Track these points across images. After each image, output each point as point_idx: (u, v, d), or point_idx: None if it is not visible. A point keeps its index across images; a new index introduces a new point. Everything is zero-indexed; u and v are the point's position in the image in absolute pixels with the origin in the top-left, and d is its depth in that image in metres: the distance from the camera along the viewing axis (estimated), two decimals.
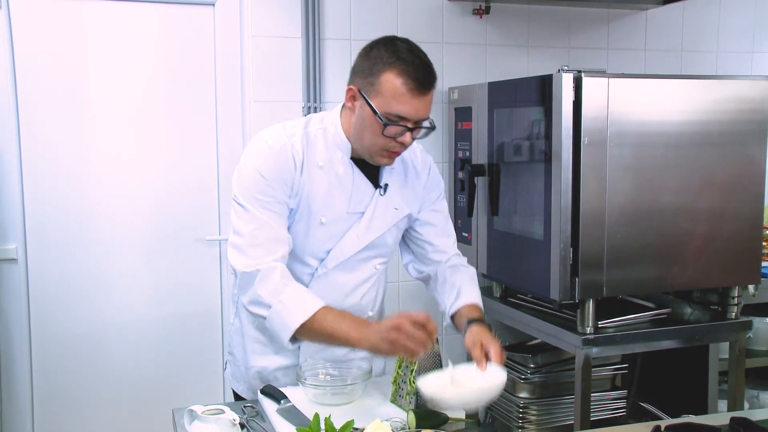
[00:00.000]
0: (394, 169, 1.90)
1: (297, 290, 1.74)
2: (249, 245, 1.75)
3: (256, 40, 2.95)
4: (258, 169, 1.77)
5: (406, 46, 1.72)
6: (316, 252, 1.86)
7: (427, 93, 1.71)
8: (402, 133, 1.72)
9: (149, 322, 3.03)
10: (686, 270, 2.50)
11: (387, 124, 1.70)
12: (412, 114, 1.70)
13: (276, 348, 1.95)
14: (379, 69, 1.69)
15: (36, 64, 2.82)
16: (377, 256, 1.94)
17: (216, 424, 1.59)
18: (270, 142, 1.80)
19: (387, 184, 1.88)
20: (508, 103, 2.71)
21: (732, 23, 3.63)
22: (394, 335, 1.61)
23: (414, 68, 1.68)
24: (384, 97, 1.69)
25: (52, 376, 2.95)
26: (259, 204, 1.76)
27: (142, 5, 2.91)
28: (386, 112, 1.70)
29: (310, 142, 1.82)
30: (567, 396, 2.87)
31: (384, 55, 1.70)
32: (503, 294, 2.95)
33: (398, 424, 1.70)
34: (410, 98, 1.68)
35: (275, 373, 1.98)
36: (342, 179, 1.83)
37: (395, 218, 1.91)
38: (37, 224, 2.88)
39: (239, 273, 1.76)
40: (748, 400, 3.21)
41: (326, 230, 1.84)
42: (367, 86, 1.72)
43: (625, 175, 2.37)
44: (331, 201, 1.82)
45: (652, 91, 2.41)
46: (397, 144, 1.74)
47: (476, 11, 3.19)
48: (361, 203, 1.86)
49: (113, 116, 2.92)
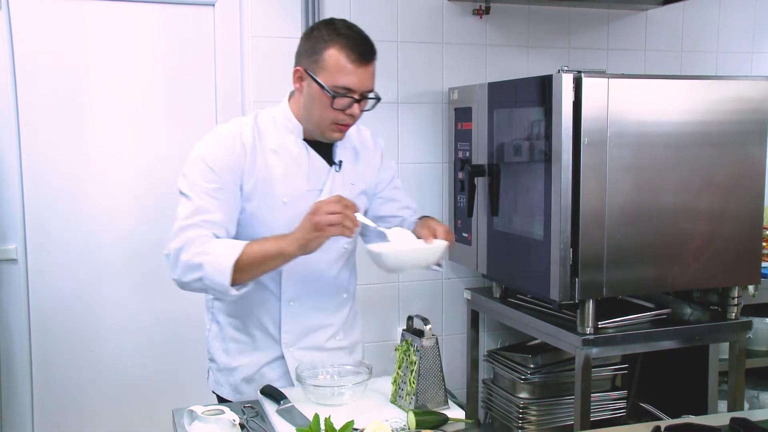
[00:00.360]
0: (346, 148, 1.98)
1: (219, 241, 1.78)
2: (181, 228, 1.79)
3: (256, 40, 2.95)
4: (204, 157, 1.84)
5: (344, 23, 1.84)
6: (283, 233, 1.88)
7: (368, 64, 1.81)
8: (350, 105, 1.81)
9: (149, 322, 3.02)
10: (686, 270, 2.50)
11: (335, 96, 1.79)
12: (358, 85, 1.80)
13: (257, 345, 1.97)
14: (322, 47, 1.80)
15: (36, 65, 2.82)
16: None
17: (216, 425, 1.59)
18: (218, 130, 1.90)
19: (341, 160, 1.96)
20: (508, 104, 2.71)
21: (732, 23, 3.63)
22: (315, 218, 1.69)
23: (354, 41, 1.79)
24: (329, 71, 1.79)
25: (52, 376, 2.94)
26: (202, 191, 1.82)
27: (141, 5, 2.91)
28: (333, 86, 1.79)
29: (261, 130, 1.90)
30: (567, 396, 2.87)
31: (324, 34, 1.81)
32: (503, 294, 2.95)
33: (398, 424, 1.70)
34: (354, 69, 1.78)
35: (261, 371, 1.98)
36: (297, 159, 1.91)
37: (352, 193, 1.96)
38: (37, 224, 2.88)
39: (170, 254, 1.79)
40: (748, 401, 3.21)
41: (289, 209, 1.87)
42: (312, 64, 1.81)
43: (625, 176, 2.37)
44: (290, 181, 1.89)
45: (652, 92, 2.41)
46: (346, 116, 1.83)
47: (476, 11, 3.19)
48: (319, 180, 1.92)
49: (113, 116, 2.92)
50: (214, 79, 3.01)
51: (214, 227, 1.80)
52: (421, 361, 1.79)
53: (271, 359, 1.98)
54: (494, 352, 3.10)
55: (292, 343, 1.97)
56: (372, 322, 3.09)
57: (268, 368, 1.99)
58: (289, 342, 1.97)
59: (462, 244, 3.06)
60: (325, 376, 1.91)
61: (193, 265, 1.75)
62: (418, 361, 1.78)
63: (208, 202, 1.81)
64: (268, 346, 1.98)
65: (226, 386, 2.03)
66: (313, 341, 1.98)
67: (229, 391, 2.03)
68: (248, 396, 1.97)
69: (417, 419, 1.68)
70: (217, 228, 1.81)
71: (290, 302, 1.95)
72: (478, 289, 3.14)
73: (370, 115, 1.92)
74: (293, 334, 1.97)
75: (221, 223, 1.82)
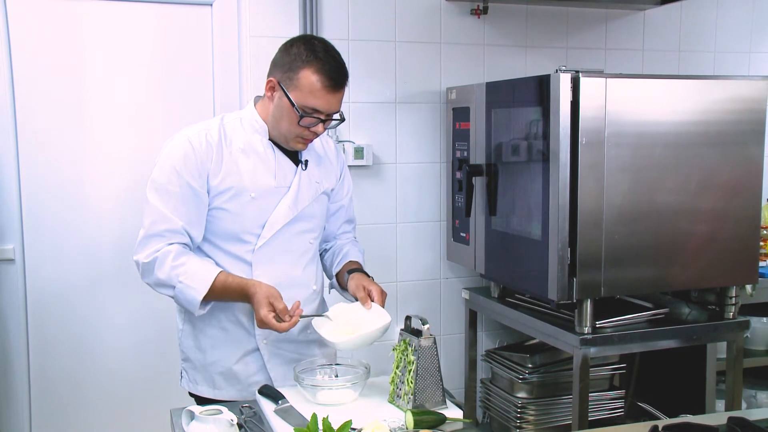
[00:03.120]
0: (310, 151, 2.07)
1: (192, 267, 1.88)
2: (147, 236, 1.91)
3: (254, 40, 2.94)
4: (171, 160, 1.91)
5: (322, 46, 1.91)
6: (252, 227, 1.96)
7: (339, 90, 1.91)
8: (315, 124, 1.91)
9: (147, 322, 3.02)
10: (684, 270, 2.50)
11: (303, 116, 1.89)
12: (326, 108, 1.90)
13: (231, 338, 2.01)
14: (298, 66, 1.87)
15: (33, 65, 2.82)
16: (308, 230, 2.06)
17: (214, 425, 1.59)
18: (184, 132, 1.95)
19: (307, 160, 2.04)
20: (506, 104, 2.71)
21: (729, 23, 3.63)
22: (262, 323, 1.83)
23: (329, 68, 1.87)
24: (301, 91, 1.87)
25: (50, 377, 2.94)
26: (168, 196, 1.89)
27: (139, 5, 2.90)
28: (302, 105, 1.88)
29: (227, 131, 1.97)
30: (565, 396, 2.87)
31: (303, 53, 1.88)
32: (501, 294, 2.95)
33: (396, 424, 1.70)
34: (324, 94, 1.87)
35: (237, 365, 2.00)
36: (264, 158, 1.98)
37: (318, 191, 2.07)
38: (35, 225, 2.88)
39: (140, 264, 1.92)
40: (746, 400, 3.22)
41: (257, 204, 1.95)
42: (286, 80, 1.89)
43: (622, 175, 2.38)
44: (258, 177, 1.96)
45: (650, 91, 2.41)
46: (310, 133, 1.93)
47: (474, 11, 3.19)
48: (286, 178, 2.00)
49: (111, 116, 2.92)
50: (212, 78, 3.01)
51: (176, 236, 1.90)
52: (419, 361, 1.79)
53: (246, 352, 2.00)
54: (492, 351, 3.10)
55: (265, 336, 2.00)
56: None
57: (244, 362, 2.01)
58: (263, 334, 2.00)
59: (460, 244, 3.06)
60: (323, 375, 1.91)
61: (167, 285, 1.90)
62: (416, 360, 1.78)
63: (172, 207, 1.89)
64: (243, 338, 2.01)
65: (203, 384, 2.04)
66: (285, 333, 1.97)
67: (206, 388, 2.04)
68: (226, 392, 2.00)
69: (415, 419, 1.69)
70: (180, 236, 1.90)
71: None
72: (476, 289, 3.15)
73: (368, 114, 1.96)
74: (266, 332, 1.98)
75: (183, 231, 1.90)
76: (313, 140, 2.00)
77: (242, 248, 1.96)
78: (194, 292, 1.86)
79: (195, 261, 1.90)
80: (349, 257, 2.17)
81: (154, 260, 1.88)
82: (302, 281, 2.05)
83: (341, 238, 2.25)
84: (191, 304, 1.88)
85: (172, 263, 1.87)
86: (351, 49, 3.00)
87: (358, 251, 2.22)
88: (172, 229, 1.89)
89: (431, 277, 3.25)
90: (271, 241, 1.98)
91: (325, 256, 2.24)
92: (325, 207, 2.13)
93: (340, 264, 2.16)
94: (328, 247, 2.24)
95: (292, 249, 2.02)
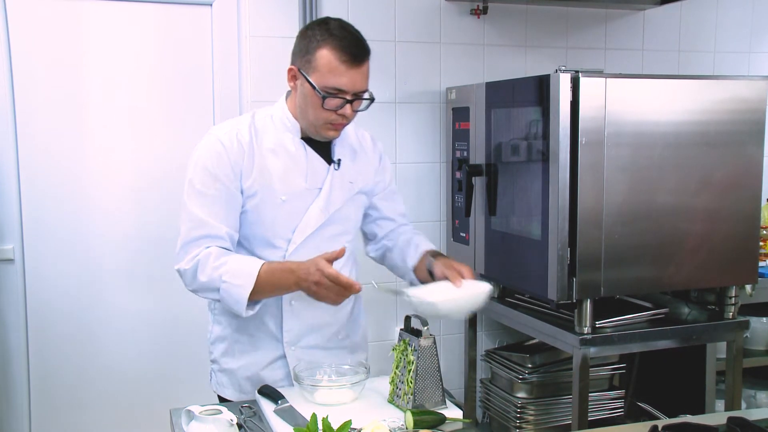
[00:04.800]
0: (344, 147, 1.99)
1: (234, 264, 1.80)
2: (185, 244, 1.85)
3: (254, 40, 2.95)
4: (203, 162, 1.86)
5: (338, 23, 1.83)
6: (283, 232, 1.91)
7: (360, 65, 1.80)
8: (342, 106, 1.81)
9: (146, 322, 3.02)
10: (684, 270, 2.50)
11: (325, 97, 1.79)
12: (349, 86, 1.80)
13: (259, 345, 1.97)
14: (315, 46, 1.80)
15: (33, 64, 2.82)
16: (343, 232, 1.99)
17: (213, 425, 1.59)
18: (215, 134, 1.90)
19: (340, 159, 1.96)
20: (506, 103, 2.71)
21: (729, 23, 3.63)
22: (314, 288, 1.72)
23: (346, 42, 1.79)
24: (320, 71, 1.79)
25: (50, 377, 2.94)
26: (202, 198, 1.85)
27: (139, 5, 2.90)
28: (324, 86, 1.79)
29: (259, 129, 1.91)
30: (565, 396, 2.87)
31: (317, 34, 1.80)
32: (501, 294, 2.95)
33: (396, 424, 1.70)
34: (345, 70, 1.78)
35: (264, 371, 1.98)
36: (295, 158, 1.91)
37: (351, 191, 1.99)
38: (35, 224, 2.88)
39: (182, 272, 1.85)
40: (746, 400, 3.22)
41: (288, 207, 1.90)
42: (305, 64, 1.82)
43: (622, 175, 2.38)
44: (289, 179, 1.90)
45: (650, 91, 2.41)
46: (338, 116, 1.83)
47: (474, 11, 3.19)
48: (318, 178, 1.93)
49: (110, 116, 2.92)
50: (211, 78, 3.01)
51: (215, 241, 1.84)
52: (419, 361, 1.79)
53: (273, 359, 1.98)
54: (492, 351, 3.10)
55: (293, 342, 1.97)
56: (370, 322, 3.07)
57: (270, 369, 1.98)
58: (291, 341, 1.96)
59: (460, 244, 3.06)
60: (323, 375, 1.91)
61: (211, 288, 1.82)
62: (416, 360, 1.78)
63: (208, 212, 1.84)
64: (270, 345, 1.98)
65: (230, 387, 2.03)
66: (314, 340, 1.99)
67: (232, 392, 2.02)
68: (252, 396, 1.97)
69: (415, 419, 1.68)
70: (219, 241, 1.84)
71: (291, 301, 1.94)
72: None
73: (367, 114, 1.93)
74: (294, 333, 1.97)
75: (223, 235, 1.85)
76: (345, 126, 1.90)
77: (274, 253, 1.91)
78: (240, 290, 1.77)
79: (236, 258, 1.83)
80: (422, 247, 2.03)
81: (195, 265, 1.81)
82: None
83: (402, 230, 2.14)
84: (239, 304, 1.79)
85: (214, 264, 1.80)
86: None
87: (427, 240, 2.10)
88: (210, 234, 1.83)
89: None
90: (302, 246, 1.91)
91: (392, 253, 2.11)
92: (361, 207, 2.05)
93: (414, 257, 2.03)
94: (391, 245, 2.13)
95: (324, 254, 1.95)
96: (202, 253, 1.82)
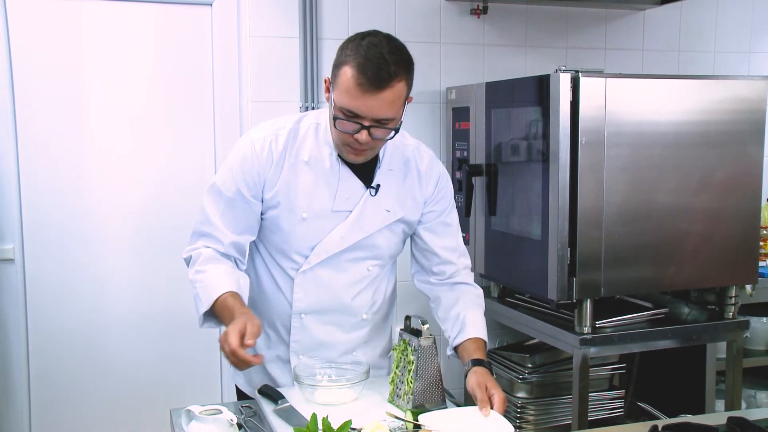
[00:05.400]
0: (392, 170, 1.85)
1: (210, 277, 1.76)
2: (193, 233, 1.86)
3: (254, 40, 2.94)
4: (231, 160, 1.82)
5: (374, 39, 1.65)
6: (300, 248, 1.84)
7: (379, 91, 1.62)
8: (357, 131, 1.66)
9: (146, 322, 3.02)
10: (684, 270, 2.50)
11: (336, 118, 1.67)
12: (364, 111, 1.64)
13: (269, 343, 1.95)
14: (342, 61, 1.66)
15: (33, 64, 2.82)
16: (369, 257, 1.88)
17: (213, 425, 1.59)
18: (252, 135, 1.83)
19: (379, 184, 1.83)
20: (506, 103, 2.71)
21: (729, 23, 3.63)
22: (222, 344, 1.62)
23: (369, 63, 1.61)
24: (340, 90, 1.66)
25: (50, 377, 2.94)
26: (218, 196, 1.82)
27: (139, 5, 2.90)
28: (340, 106, 1.66)
29: (299, 137, 1.81)
30: (565, 396, 2.87)
31: (349, 47, 1.66)
32: (501, 294, 2.95)
33: (396, 424, 1.70)
34: (360, 94, 1.62)
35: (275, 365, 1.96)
36: (328, 175, 1.80)
37: (386, 220, 1.85)
38: (35, 224, 2.88)
39: (185, 258, 1.86)
40: (746, 400, 3.22)
41: (308, 226, 1.81)
42: (333, 78, 1.70)
43: (622, 175, 2.38)
44: (316, 197, 1.80)
45: (650, 91, 2.41)
46: (355, 141, 1.68)
47: (474, 11, 3.19)
48: (349, 201, 1.81)
49: (111, 116, 2.92)
50: (211, 78, 3.01)
51: (214, 242, 1.82)
52: (419, 361, 1.78)
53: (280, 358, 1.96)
54: (492, 351, 3.09)
55: (301, 352, 1.93)
56: None
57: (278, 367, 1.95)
58: (298, 351, 1.93)
59: None
60: (323, 375, 1.91)
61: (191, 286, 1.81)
62: (416, 360, 1.78)
63: (219, 212, 1.81)
64: (279, 348, 1.95)
65: (241, 378, 2.02)
66: (323, 354, 1.93)
67: (243, 383, 2.02)
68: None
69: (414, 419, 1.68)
70: (218, 245, 1.82)
71: (301, 315, 1.90)
72: None
73: None
74: (302, 345, 1.93)
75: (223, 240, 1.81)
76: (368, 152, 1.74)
77: (288, 265, 1.86)
78: (200, 305, 1.76)
79: (216, 272, 1.76)
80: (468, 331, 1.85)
81: (189, 258, 1.84)
82: (349, 309, 1.90)
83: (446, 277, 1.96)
84: (197, 314, 1.78)
85: (197, 267, 1.79)
86: None
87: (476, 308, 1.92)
88: (212, 234, 1.82)
89: None
90: (319, 266, 1.84)
91: (433, 307, 1.99)
92: (397, 236, 1.90)
93: (459, 337, 1.87)
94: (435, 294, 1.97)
95: (343, 275, 1.86)
96: (197, 250, 1.83)
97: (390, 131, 1.70)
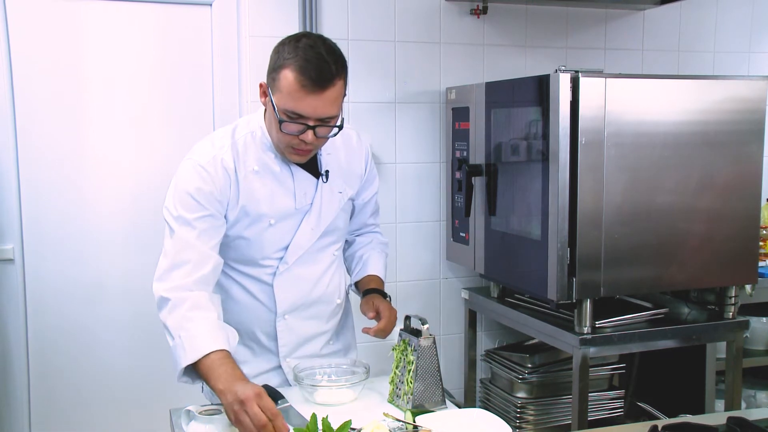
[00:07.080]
0: (330, 153, 1.92)
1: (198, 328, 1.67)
2: (171, 266, 1.74)
3: (254, 40, 2.94)
4: (186, 188, 1.77)
5: (310, 41, 1.69)
6: (270, 253, 1.87)
7: (323, 90, 1.66)
8: (302, 131, 1.70)
9: (146, 323, 3.01)
10: (683, 270, 2.50)
11: (282, 121, 1.70)
12: (309, 112, 1.68)
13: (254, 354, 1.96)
14: (280, 65, 1.69)
15: (33, 65, 2.82)
16: (332, 242, 1.97)
17: (213, 424, 1.59)
18: (197, 160, 1.80)
19: (327, 170, 1.90)
20: (506, 103, 2.71)
21: (729, 23, 3.63)
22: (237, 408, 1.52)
23: (310, 65, 1.65)
24: (281, 93, 1.69)
25: (49, 377, 2.94)
26: (185, 223, 1.75)
27: (139, 5, 2.90)
28: (283, 109, 1.69)
29: (240, 151, 1.82)
30: (564, 396, 2.87)
31: (285, 51, 1.69)
32: (501, 294, 2.95)
33: (395, 424, 1.70)
34: (304, 95, 1.66)
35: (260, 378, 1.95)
36: (281, 178, 1.85)
37: (341, 202, 1.94)
38: (34, 225, 2.88)
39: (157, 296, 1.73)
40: (745, 400, 3.22)
41: (275, 230, 1.85)
42: (271, 82, 1.72)
43: (622, 175, 2.38)
44: (276, 201, 1.84)
45: (650, 91, 2.41)
46: (300, 142, 1.73)
47: (474, 11, 3.19)
48: (307, 195, 1.87)
49: (110, 117, 2.92)
50: (211, 79, 3.01)
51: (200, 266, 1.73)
52: (419, 361, 1.79)
53: (269, 368, 1.98)
54: (492, 351, 3.10)
55: (288, 354, 1.97)
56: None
57: (267, 376, 1.97)
58: (286, 353, 1.97)
59: (459, 243, 3.06)
60: (323, 376, 1.91)
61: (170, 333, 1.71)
62: (416, 360, 1.78)
63: (191, 234, 1.74)
64: (265, 356, 1.97)
65: None
66: (308, 350, 1.99)
67: None
68: None
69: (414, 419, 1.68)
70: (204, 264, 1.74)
71: (285, 316, 1.93)
72: (476, 289, 3.15)
73: (367, 114, 1.91)
74: (289, 346, 1.96)
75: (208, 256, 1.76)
76: (312, 152, 1.80)
77: (262, 271, 1.88)
78: (182, 357, 1.65)
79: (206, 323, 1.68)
80: (368, 269, 2.07)
81: (168, 300, 1.70)
82: (326, 297, 1.98)
83: (364, 235, 2.16)
84: (177, 366, 1.68)
85: (186, 313, 1.68)
86: (351, 49, 3.00)
87: (380, 255, 2.11)
88: (198, 259, 1.73)
89: (431, 277, 3.25)
90: (294, 265, 1.89)
91: (346, 253, 2.14)
92: (349, 213, 2.02)
93: (359, 274, 2.08)
94: (348, 248, 2.14)
95: (316, 266, 1.93)
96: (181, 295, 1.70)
97: (333, 128, 1.75)
